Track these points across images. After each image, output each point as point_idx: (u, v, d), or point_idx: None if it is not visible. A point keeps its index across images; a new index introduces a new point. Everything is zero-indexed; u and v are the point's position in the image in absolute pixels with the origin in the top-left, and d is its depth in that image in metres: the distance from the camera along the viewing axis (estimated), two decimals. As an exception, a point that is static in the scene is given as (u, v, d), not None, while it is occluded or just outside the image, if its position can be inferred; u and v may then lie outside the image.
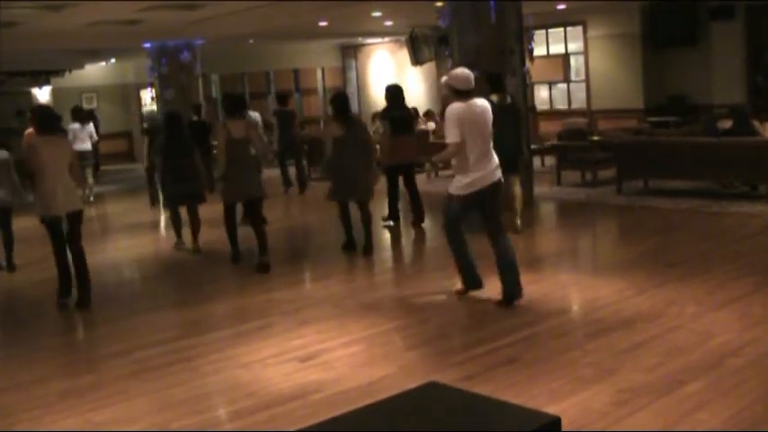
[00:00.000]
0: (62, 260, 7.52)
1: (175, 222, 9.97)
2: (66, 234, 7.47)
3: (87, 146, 14.76)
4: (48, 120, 7.58)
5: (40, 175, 7.27)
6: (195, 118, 14.17)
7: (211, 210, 10.30)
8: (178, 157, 9.49)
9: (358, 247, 8.94)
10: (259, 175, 9.07)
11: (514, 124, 9.42)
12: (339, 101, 8.98)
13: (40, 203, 7.32)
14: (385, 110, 10.28)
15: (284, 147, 14.33)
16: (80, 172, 7.85)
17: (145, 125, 14.55)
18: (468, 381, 4.80)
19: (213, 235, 9.95)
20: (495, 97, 9.34)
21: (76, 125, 14.81)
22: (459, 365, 5.20)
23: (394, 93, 10.18)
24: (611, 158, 12.22)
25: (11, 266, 9.39)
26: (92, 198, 15.15)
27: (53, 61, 19.97)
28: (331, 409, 4.38)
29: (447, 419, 2.69)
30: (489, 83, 9.52)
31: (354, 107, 22.59)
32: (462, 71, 6.52)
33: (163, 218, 12.28)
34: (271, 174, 15.36)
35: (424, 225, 10.20)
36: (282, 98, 14.90)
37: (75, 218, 7.45)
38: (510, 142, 9.17)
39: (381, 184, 9.74)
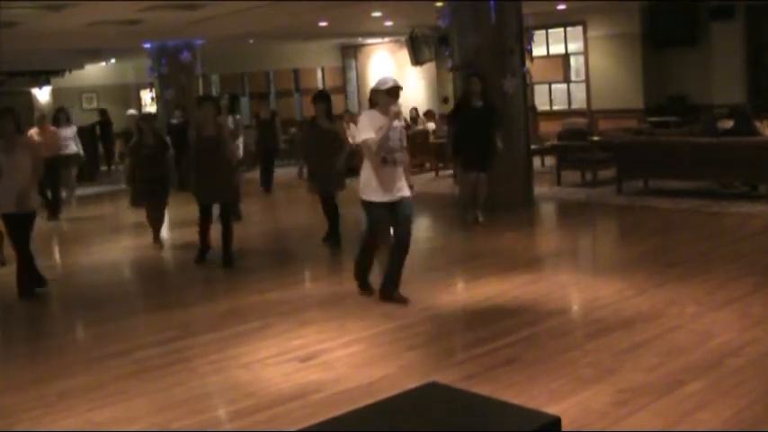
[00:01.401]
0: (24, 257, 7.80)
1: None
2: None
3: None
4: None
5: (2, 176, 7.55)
6: (177, 120, 14.37)
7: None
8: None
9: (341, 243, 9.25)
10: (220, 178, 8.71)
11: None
12: (328, 99, 9.29)
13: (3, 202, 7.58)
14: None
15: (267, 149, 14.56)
16: (39, 176, 7.99)
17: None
18: (468, 381, 4.80)
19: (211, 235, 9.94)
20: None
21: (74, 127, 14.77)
22: (459, 365, 5.20)
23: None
24: (611, 158, 12.22)
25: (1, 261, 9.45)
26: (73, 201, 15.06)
27: (53, 61, 19.99)
28: (331, 409, 4.38)
29: (447, 419, 2.69)
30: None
31: (354, 107, 22.65)
32: None
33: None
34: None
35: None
36: (263, 100, 15.19)
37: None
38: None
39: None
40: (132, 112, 15.67)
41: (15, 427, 4.77)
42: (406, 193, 6.57)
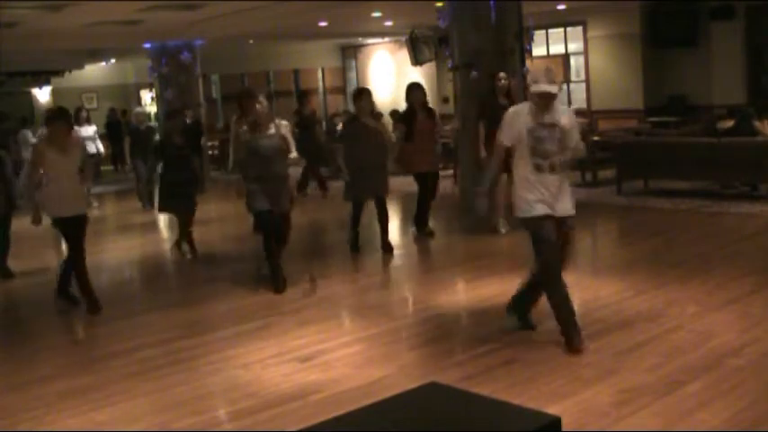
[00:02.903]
0: None
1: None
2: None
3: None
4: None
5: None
6: (189, 120, 14.25)
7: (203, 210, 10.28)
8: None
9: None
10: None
11: None
12: (371, 96, 9.14)
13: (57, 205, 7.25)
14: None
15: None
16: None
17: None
18: (468, 381, 4.80)
19: (209, 235, 9.96)
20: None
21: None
22: (459, 365, 5.20)
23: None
24: (611, 158, 12.23)
25: (6, 272, 9.12)
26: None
27: (53, 61, 19.98)
28: (331, 409, 4.38)
29: (447, 419, 2.69)
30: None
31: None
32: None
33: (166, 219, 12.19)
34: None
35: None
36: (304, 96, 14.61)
37: None
38: None
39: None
40: (140, 109, 15.61)
41: (17, 427, 4.78)
42: (571, 210, 5.49)
